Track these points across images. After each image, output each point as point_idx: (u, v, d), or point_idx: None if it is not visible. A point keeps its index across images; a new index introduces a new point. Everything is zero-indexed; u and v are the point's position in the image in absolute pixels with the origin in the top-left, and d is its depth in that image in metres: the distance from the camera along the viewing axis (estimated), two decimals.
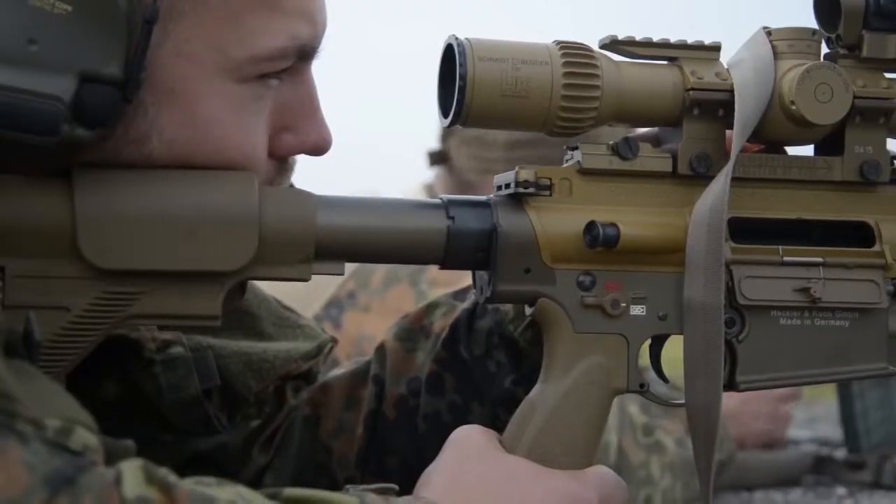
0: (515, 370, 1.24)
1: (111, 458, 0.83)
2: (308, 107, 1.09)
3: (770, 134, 1.13)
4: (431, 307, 1.30)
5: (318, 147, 1.10)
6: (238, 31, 1.02)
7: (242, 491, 0.86)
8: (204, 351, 1.24)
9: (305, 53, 1.07)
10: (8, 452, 0.77)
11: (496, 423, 1.14)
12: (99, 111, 0.95)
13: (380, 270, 2.33)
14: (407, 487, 1.03)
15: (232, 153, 1.04)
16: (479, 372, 1.25)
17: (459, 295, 1.30)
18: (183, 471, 0.85)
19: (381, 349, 1.31)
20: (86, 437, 0.81)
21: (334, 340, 1.35)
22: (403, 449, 1.27)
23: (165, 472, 0.82)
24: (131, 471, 0.81)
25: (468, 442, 1.07)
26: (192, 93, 1.02)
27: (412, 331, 1.30)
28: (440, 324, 1.28)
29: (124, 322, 1.02)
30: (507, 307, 1.24)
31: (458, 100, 1.06)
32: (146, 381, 1.21)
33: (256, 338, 1.29)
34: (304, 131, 1.09)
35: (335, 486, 1.26)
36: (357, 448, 1.29)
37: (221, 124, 1.03)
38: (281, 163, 1.10)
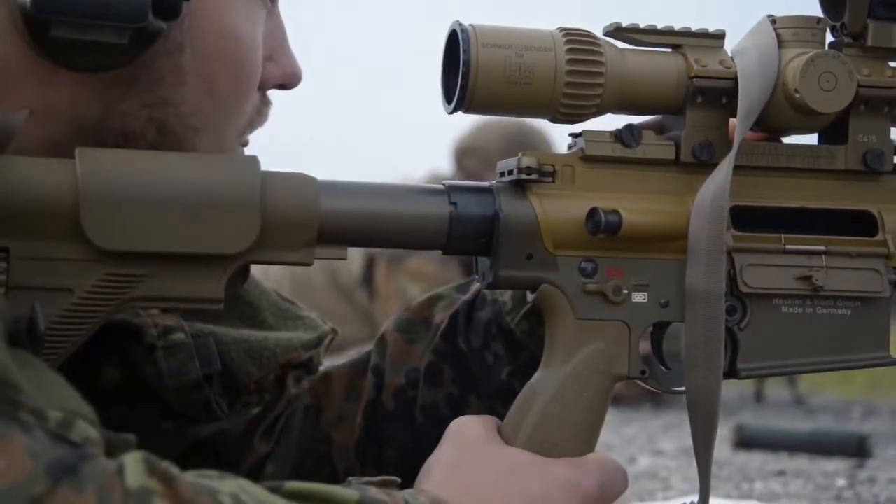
0: (512, 361, 1.24)
1: (112, 451, 0.82)
2: (282, 38, 1.15)
3: (774, 122, 1.13)
4: (434, 300, 1.31)
5: (295, 76, 1.16)
6: None
7: (244, 483, 0.86)
8: (205, 337, 1.24)
9: None
10: (11, 440, 0.76)
11: (493, 415, 1.14)
12: (171, 2, 1.00)
13: None
14: (406, 479, 1.03)
15: (248, 68, 1.10)
16: (476, 363, 1.25)
17: (462, 288, 1.30)
18: (184, 459, 0.85)
19: (381, 340, 1.31)
20: (86, 429, 0.81)
21: (334, 332, 1.35)
22: (401, 440, 1.27)
23: (167, 464, 0.82)
24: (133, 462, 0.81)
25: (467, 433, 1.07)
26: (221, 3, 1.07)
27: (413, 322, 1.30)
28: (441, 316, 1.28)
29: (127, 304, 1.02)
30: (506, 298, 1.24)
31: (461, 86, 1.06)
32: (147, 367, 1.21)
33: (257, 327, 1.29)
34: (282, 61, 1.15)
35: (335, 477, 1.26)
36: (356, 438, 1.29)
37: (243, 37, 1.09)
38: (263, 96, 1.15)
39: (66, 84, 1.03)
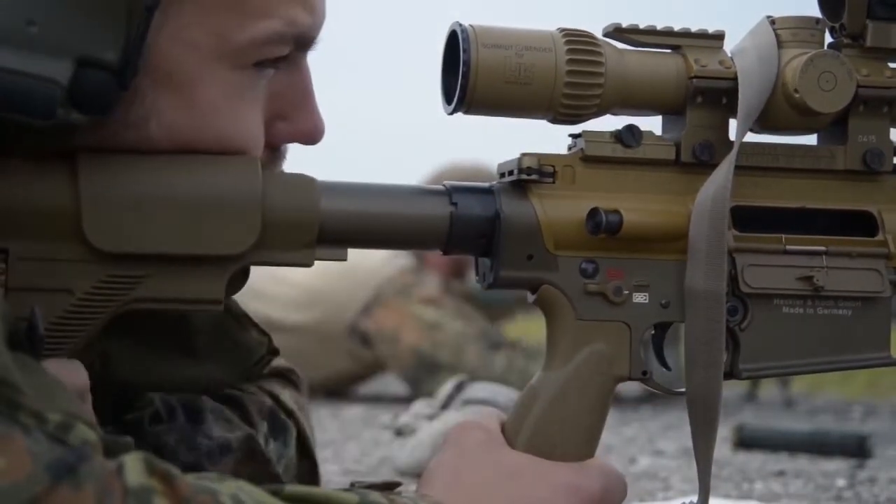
0: None
1: (110, 454, 0.83)
2: (302, 96, 1.09)
3: (773, 122, 1.13)
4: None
5: (312, 135, 1.10)
6: (238, 14, 1.01)
7: (243, 485, 0.86)
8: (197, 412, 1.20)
9: (303, 42, 1.07)
10: (12, 440, 0.77)
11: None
12: (95, 97, 0.94)
13: None
14: None
15: (230, 140, 1.03)
16: None
17: None
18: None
19: None
20: (85, 432, 0.82)
21: (273, 352, 1.29)
22: None
23: (167, 465, 0.82)
24: (132, 461, 0.81)
25: (468, 438, 1.07)
26: (190, 78, 1.01)
27: None
28: None
29: (128, 305, 1.02)
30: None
31: (461, 86, 1.06)
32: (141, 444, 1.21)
33: (186, 352, 1.22)
34: (297, 120, 1.09)
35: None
36: None
37: (219, 111, 1.02)
38: (273, 151, 1.10)
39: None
